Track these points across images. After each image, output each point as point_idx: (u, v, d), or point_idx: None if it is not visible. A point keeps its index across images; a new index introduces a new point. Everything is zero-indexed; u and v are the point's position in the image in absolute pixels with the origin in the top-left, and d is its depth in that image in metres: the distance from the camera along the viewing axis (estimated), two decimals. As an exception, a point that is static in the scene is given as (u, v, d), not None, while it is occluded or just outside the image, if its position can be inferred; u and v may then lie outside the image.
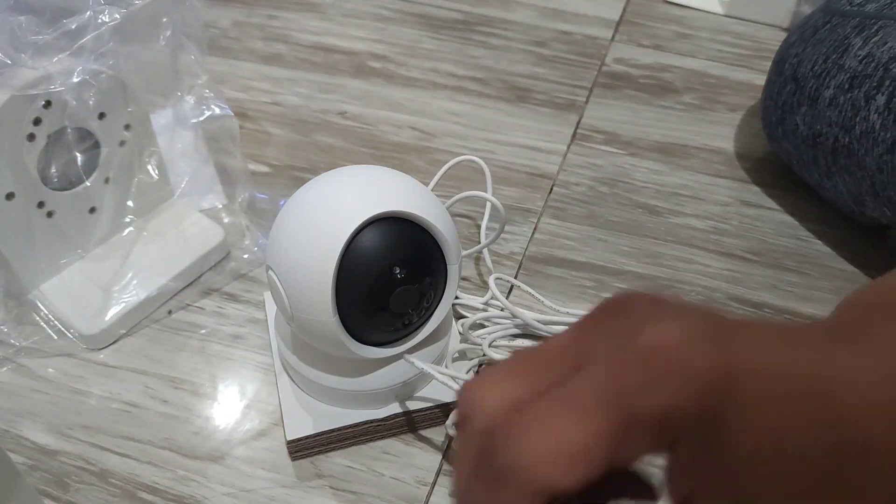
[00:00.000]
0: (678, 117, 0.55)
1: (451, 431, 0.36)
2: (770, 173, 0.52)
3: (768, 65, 0.51)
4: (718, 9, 0.66)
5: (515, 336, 0.40)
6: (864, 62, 0.41)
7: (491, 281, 0.39)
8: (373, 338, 0.34)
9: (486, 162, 0.52)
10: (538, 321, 0.38)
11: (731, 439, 0.18)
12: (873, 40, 0.41)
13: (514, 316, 0.38)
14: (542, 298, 0.41)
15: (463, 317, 0.40)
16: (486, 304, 0.41)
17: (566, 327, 0.37)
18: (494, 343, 0.38)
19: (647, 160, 0.53)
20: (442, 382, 0.34)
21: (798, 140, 0.46)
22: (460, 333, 0.39)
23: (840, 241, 0.47)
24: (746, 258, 0.47)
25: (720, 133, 0.55)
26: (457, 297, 0.41)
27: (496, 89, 0.58)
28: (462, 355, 0.39)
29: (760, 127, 0.52)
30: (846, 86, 0.42)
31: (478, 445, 0.20)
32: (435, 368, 0.35)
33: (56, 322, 0.41)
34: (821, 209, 0.49)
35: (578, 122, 0.56)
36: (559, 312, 0.40)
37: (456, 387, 0.34)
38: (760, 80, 0.55)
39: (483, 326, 0.40)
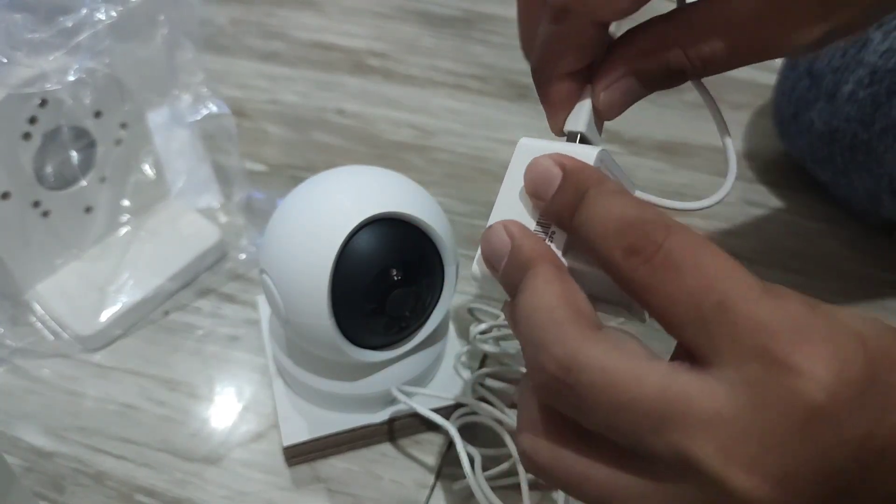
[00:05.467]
0: (680, 116, 0.55)
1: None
2: (776, 172, 0.51)
3: (772, 63, 0.51)
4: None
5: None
6: (884, 57, 0.41)
7: None
8: (369, 341, 0.33)
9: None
10: None
11: None
12: (893, 34, 0.41)
13: None
14: None
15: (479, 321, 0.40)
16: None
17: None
18: (501, 350, 0.38)
19: (649, 159, 0.52)
20: (428, 416, 0.34)
21: (813, 136, 0.46)
22: (470, 341, 0.39)
23: (848, 241, 0.47)
24: (750, 258, 0.46)
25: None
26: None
27: (496, 87, 0.58)
28: (469, 358, 0.39)
29: (767, 126, 0.51)
30: (866, 81, 0.42)
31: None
32: (423, 403, 0.34)
33: (52, 323, 0.41)
34: (828, 209, 0.48)
35: (579, 121, 0.55)
36: None
37: (441, 421, 0.34)
38: (764, 78, 0.55)
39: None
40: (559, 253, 0.23)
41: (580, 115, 0.26)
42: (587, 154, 0.24)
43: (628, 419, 0.18)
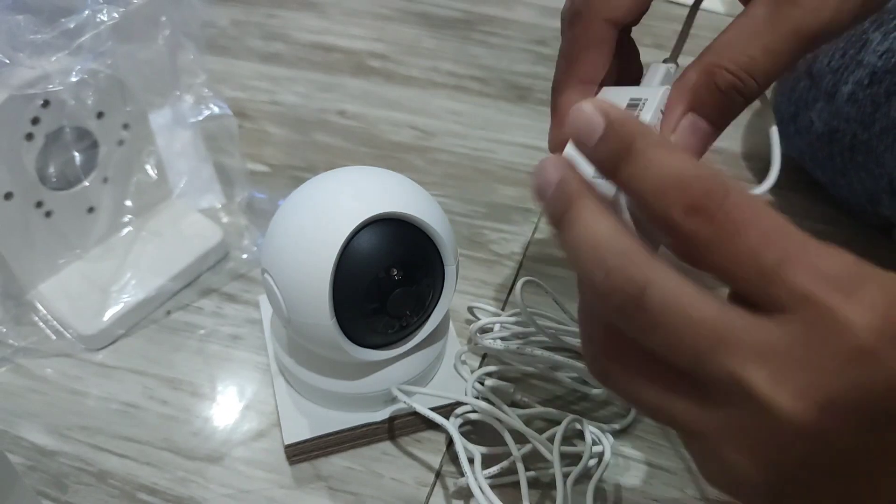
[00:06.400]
0: (679, 116, 0.55)
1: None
2: (773, 173, 0.52)
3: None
4: (720, 8, 0.65)
5: (524, 343, 0.39)
6: (884, 57, 0.41)
7: (518, 285, 0.38)
8: (370, 340, 0.34)
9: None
10: (553, 331, 0.38)
11: None
12: (893, 35, 0.41)
13: (530, 324, 0.37)
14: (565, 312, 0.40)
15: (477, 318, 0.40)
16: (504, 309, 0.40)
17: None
18: (503, 348, 0.38)
19: (648, 159, 0.53)
20: (427, 415, 0.34)
21: (812, 137, 0.46)
22: (470, 340, 0.39)
23: (845, 241, 0.46)
24: (748, 258, 0.46)
25: (722, 132, 0.54)
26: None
27: (496, 88, 0.58)
28: (469, 357, 0.39)
29: (765, 127, 0.51)
30: (865, 81, 0.42)
31: None
32: (423, 402, 0.35)
33: (54, 322, 0.41)
34: (826, 209, 0.49)
35: (579, 122, 0.55)
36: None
37: (441, 420, 0.34)
38: (762, 78, 0.55)
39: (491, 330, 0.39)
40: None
41: None
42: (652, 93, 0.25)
43: (690, 338, 0.19)
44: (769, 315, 0.19)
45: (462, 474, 0.33)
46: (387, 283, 0.32)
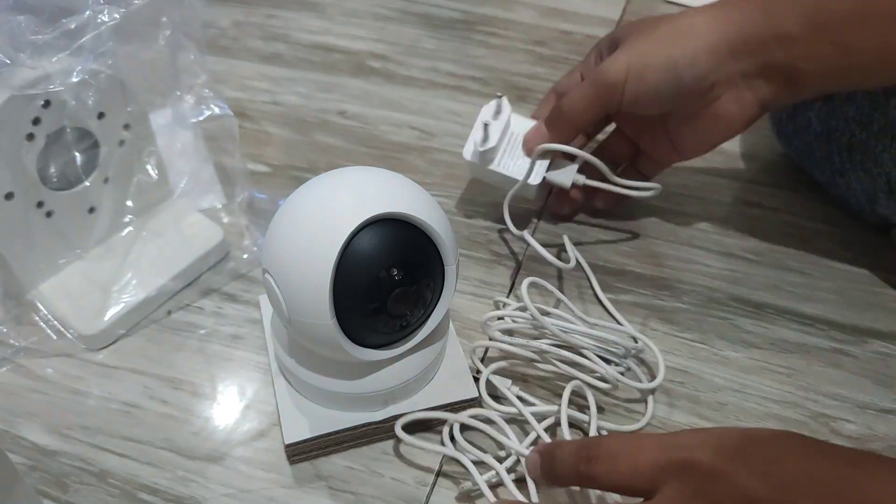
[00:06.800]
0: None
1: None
2: (773, 173, 0.52)
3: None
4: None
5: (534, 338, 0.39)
6: None
7: (524, 287, 0.38)
8: (370, 340, 0.34)
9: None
10: (560, 329, 0.38)
11: None
12: None
13: (534, 318, 0.37)
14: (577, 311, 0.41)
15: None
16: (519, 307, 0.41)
17: (588, 337, 0.38)
18: (513, 342, 0.38)
19: (647, 160, 0.53)
20: (428, 415, 0.34)
21: (810, 136, 0.46)
22: (485, 333, 0.39)
23: (844, 241, 0.47)
24: (747, 258, 0.46)
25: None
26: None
27: (496, 89, 0.58)
28: (470, 356, 0.39)
29: (764, 126, 0.51)
30: None
31: None
32: (424, 401, 0.35)
33: (55, 322, 0.41)
34: (825, 209, 0.49)
35: (579, 122, 0.55)
36: (586, 324, 0.40)
37: (442, 416, 0.34)
38: (762, 79, 0.55)
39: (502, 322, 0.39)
40: None
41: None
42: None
43: None
44: (656, 494, 0.27)
45: (462, 474, 0.33)
46: (387, 283, 0.32)
